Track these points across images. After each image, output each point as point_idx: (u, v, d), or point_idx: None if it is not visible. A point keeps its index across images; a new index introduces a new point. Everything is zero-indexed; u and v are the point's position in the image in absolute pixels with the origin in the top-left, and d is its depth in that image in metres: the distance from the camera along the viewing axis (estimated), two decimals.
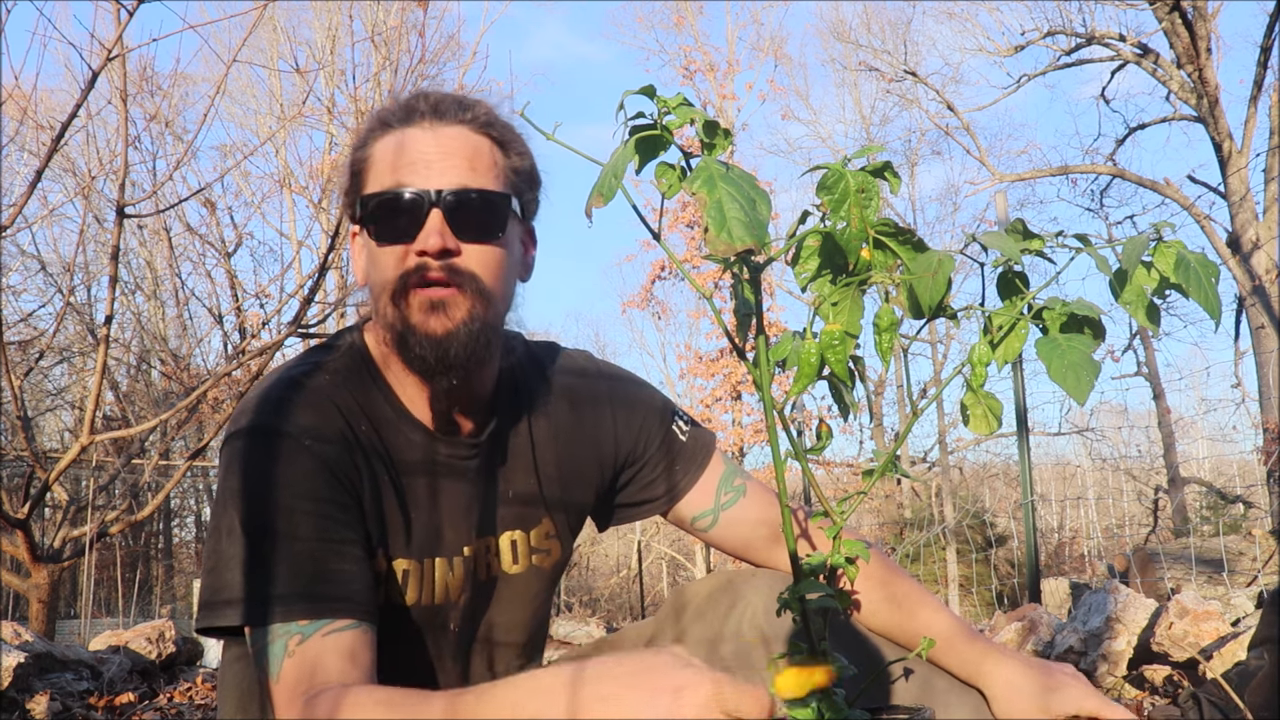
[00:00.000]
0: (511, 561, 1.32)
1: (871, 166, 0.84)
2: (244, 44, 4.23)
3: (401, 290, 1.15)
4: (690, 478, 1.39)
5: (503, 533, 1.31)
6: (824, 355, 0.88)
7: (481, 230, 1.17)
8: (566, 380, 1.38)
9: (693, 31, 19.30)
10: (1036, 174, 15.72)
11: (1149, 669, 2.65)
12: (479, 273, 1.17)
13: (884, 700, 1.26)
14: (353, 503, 1.16)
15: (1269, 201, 12.07)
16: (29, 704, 2.82)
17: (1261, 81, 12.18)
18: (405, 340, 1.16)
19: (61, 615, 8.26)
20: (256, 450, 1.14)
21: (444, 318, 1.14)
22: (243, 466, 1.14)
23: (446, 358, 1.15)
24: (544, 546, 1.36)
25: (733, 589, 1.33)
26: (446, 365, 1.16)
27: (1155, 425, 15.04)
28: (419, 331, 1.15)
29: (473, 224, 1.16)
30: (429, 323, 1.14)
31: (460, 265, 1.16)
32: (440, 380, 1.18)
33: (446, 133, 1.18)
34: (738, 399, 16.73)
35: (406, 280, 1.15)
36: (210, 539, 1.16)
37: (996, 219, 4.96)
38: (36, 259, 11.43)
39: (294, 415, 1.16)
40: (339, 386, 1.21)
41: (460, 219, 1.15)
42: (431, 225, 1.14)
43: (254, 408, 1.17)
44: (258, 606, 1.08)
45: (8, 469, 7.64)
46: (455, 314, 1.15)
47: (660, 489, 1.40)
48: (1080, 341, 0.83)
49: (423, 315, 1.15)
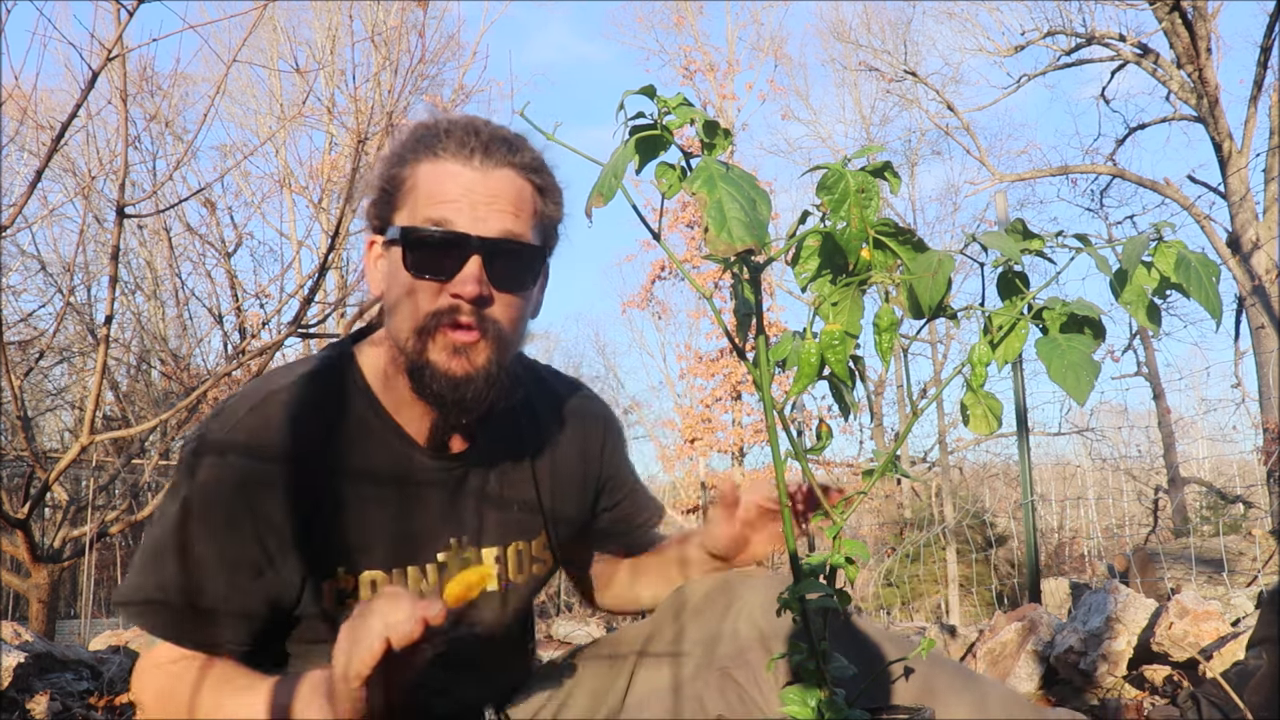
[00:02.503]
0: (517, 570, 1.35)
1: (871, 166, 0.84)
2: (244, 44, 4.23)
3: (428, 327, 1.18)
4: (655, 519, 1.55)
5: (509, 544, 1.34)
6: (824, 355, 0.88)
7: (515, 282, 1.21)
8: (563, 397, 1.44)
9: (693, 31, 19.30)
10: (1036, 174, 15.71)
11: (1149, 669, 2.65)
12: (503, 321, 1.21)
13: (884, 700, 1.26)
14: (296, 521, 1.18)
15: (1269, 201, 12.07)
16: (29, 704, 2.83)
17: (1261, 81, 12.18)
18: (422, 374, 1.19)
19: (61, 615, 8.27)
20: (192, 466, 1.17)
21: (466, 362, 1.18)
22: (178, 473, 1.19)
23: (463, 400, 1.19)
24: (542, 556, 1.39)
25: (730, 589, 1.33)
26: (461, 406, 1.20)
27: (1155, 425, 15.04)
28: (440, 371, 1.18)
29: (508, 275, 1.20)
30: (451, 364, 1.18)
31: (489, 313, 1.19)
32: (450, 417, 1.23)
33: (495, 175, 1.19)
34: (738, 399, 16.72)
35: (438, 319, 1.18)
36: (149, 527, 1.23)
37: (996, 219, 4.96)
38: (36, 259, 11.42)
39: (243, 432, 1.17)
40: (309, 399, 1.22)
41: (498, 268, 1.18)
42: (470, 271, 1.17)
43: (214, 418, 1.20)
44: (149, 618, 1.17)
45: (8, 469, 7.64)
46: (477, 360, 1.19)
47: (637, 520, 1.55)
48: (1080, 341, 0.82)
49: (446, 356, 1.18)
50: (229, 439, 1.17)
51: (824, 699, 0.92)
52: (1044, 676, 2.88)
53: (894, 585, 11.10)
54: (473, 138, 1.20)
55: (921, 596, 12.86)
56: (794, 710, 0.92)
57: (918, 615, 11.94)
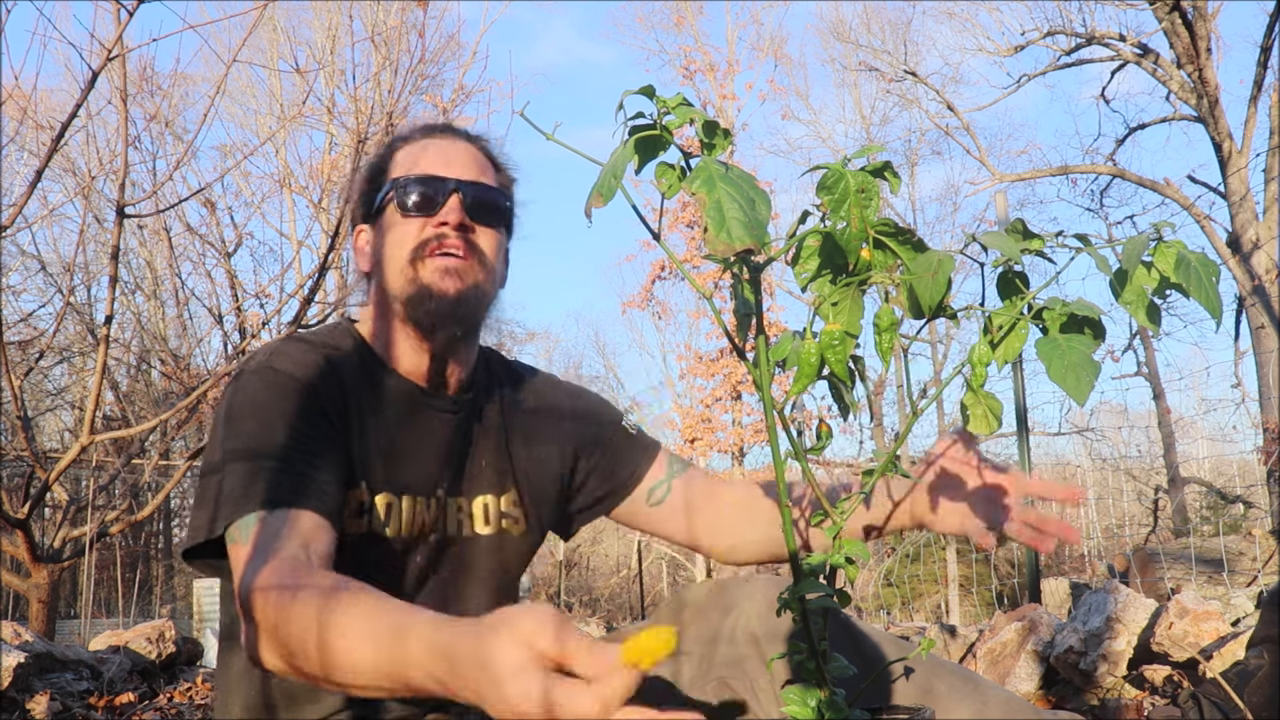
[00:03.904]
0: (484, 523, 1.41)
1: (871, 166, 0.84)
2: (244, 44, 4.23)
3: (420, 254, 1.32)
4: (644, 463, 1.54)
5: (475, 495, 1.41)
6: (824, 355, 0.88)
7: (492, 217, 1.37)
8: (531, 376, 1.55)
9: (693, 31, 19.31)
10: (1036, 174, 15.72)
11: (1149, 669, 2.65)
12: (487, 251, 1.36)
13: (884, 700, 1.26)
14: (331, 428, 1.26)
15: (1269, 201, 12.07)
16: (29, 704, 2.83)
17: (1261, 81, 12.19)
18: (418, 298, 1.31)
19: (61, 615, 8.27)
20: (244, 386, 1.25)
21: (457, 280, 1.31)
22: (230, 400, 1.25)
23: (455, 314, 1.31)
24: (513, 513, 1.44)
25: (730, 593, 1.33)
26: (455, 320, 1.32)
27: (1155, 425, 15.05)
28: (434, 290, 1.30)
29: (485, 211, 1.37)
30: (444, 282, 1.31)
31: (474, 240, 1.35)
32: (442, 334, 1.33)
33: (463, 145, 1.41)
34: (738, 399, 16.73)
35: (426, 245, 1.32)
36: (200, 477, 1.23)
37: (996, 219, 4.96)
38: (36, 259, 11.44)
39: (280, 357, 1.28)
40: (327, 343, 1.35)
41: (475, 205, 1.35)
42: (452, 204, 1.34)
43: (247, 359, 1.31)
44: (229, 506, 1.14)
45: (8, 469, 7.65)
46: (467, 279, 1.32)
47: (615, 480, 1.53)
48: (1080, 341, 0.82)
49: (438, 276, 1.31)
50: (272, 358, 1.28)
51: (824, 699, 0.92)
52: (1044, 676, 2.88)
53: (894, 585, 11.10)
54: (439, 125, 1.44)
55: (921, 596, 12.86)
56: (794, 710, 0.92)
57: (918, 615, 11.93)
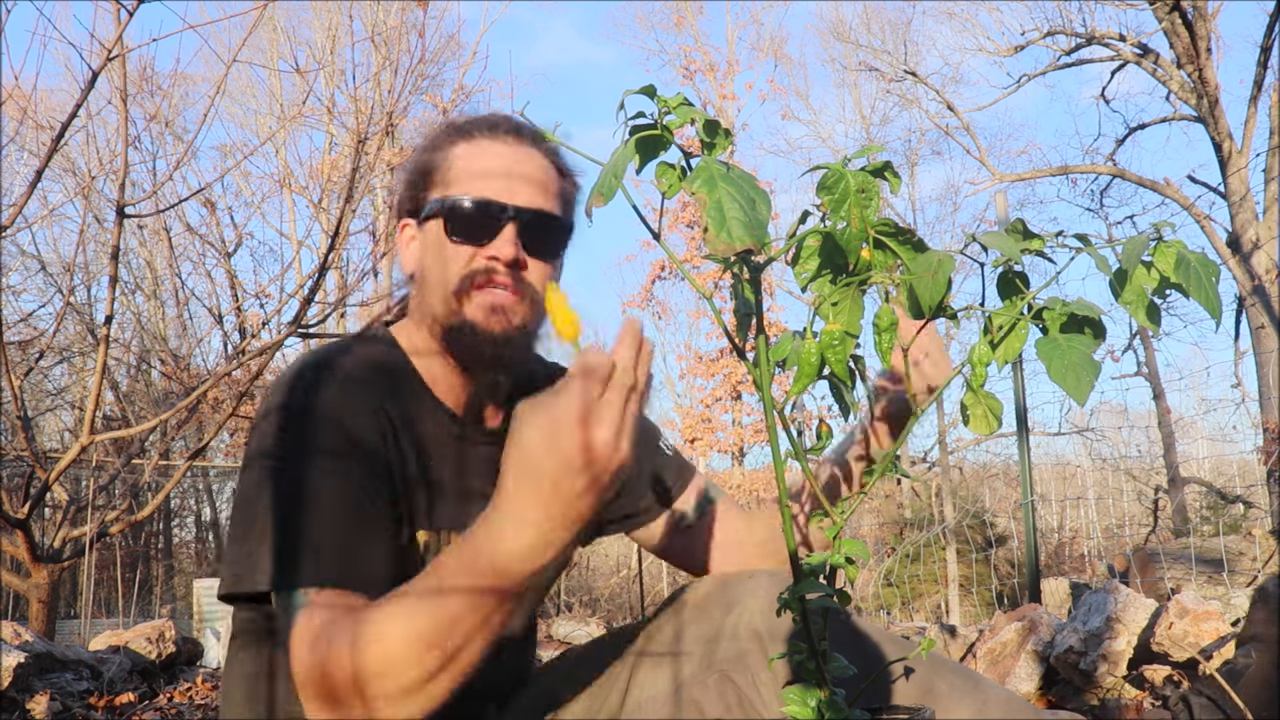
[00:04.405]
0: None
1: (871, 166, 0.84)
2: (244, 44, 4.23)
3: (467, 287, 1.24)
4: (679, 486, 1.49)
5: None
6: (824, 355, 0.88)
7: (547, 250, 1.28)
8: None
9: (693, 31, 19.32)
10: (1036, 174, 15.72)
11: (1149, 669, 2.65)
12: (538, 286, 1.27)
13: (884, 700, 1.26)
14: (380, 476, 1.19)
15: (1269, 201, 12.07)
16: (29, 704, 2.83)
17: (1261, 81, 12.19)
18: (460, 333, 1.24)
19: (61, 615, 8.27)
20: (288, 427, 1.17)
21: (504, 319, 1.24)
22: (275, 443, 1.16)
23: (500, 356, 1.25)
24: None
25: (733, 589, 1.33)
26: (498, 362, 1.25)
27: (1155, 425, 15.05)
28: (479, 328, 1.23)
29: (540, 243, 1.27)
30: (489, 321, 1.24)
31: (525, 276, 1.26)
32: (486, 375, 1.27)
33: (526, 152, 1.29)
34: (738, 399, 16.73)
35: (474, 278, 1.24)
36: (239, 511, 1.17)
37: (996, 219, 4.96)
38: (36, 259, 11.44)
39: (324, 392, 1.20)
40: (367, 367, 1.25)
41: (531, 236, 1.26)
42: (506, 235, 1.24)
43: (286, 387, 1.21)
44: (285, 572, 1.10)
45: (8, 469, 7.65)
46: (513, 318, 1.25)
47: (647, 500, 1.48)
48: (1080, 341, 0.82)
49: (484, 314, 1.24)
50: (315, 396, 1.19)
51: (824, 699, 0.92)
52: (1044, 676, 2.88)
53: (894, 585, 11.10)
54: (503, 122, 1.30)
55: (921, 596, 12.86)
56: (794, 710, 0.92)
57: (918, 615, 11.93)
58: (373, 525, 1.16)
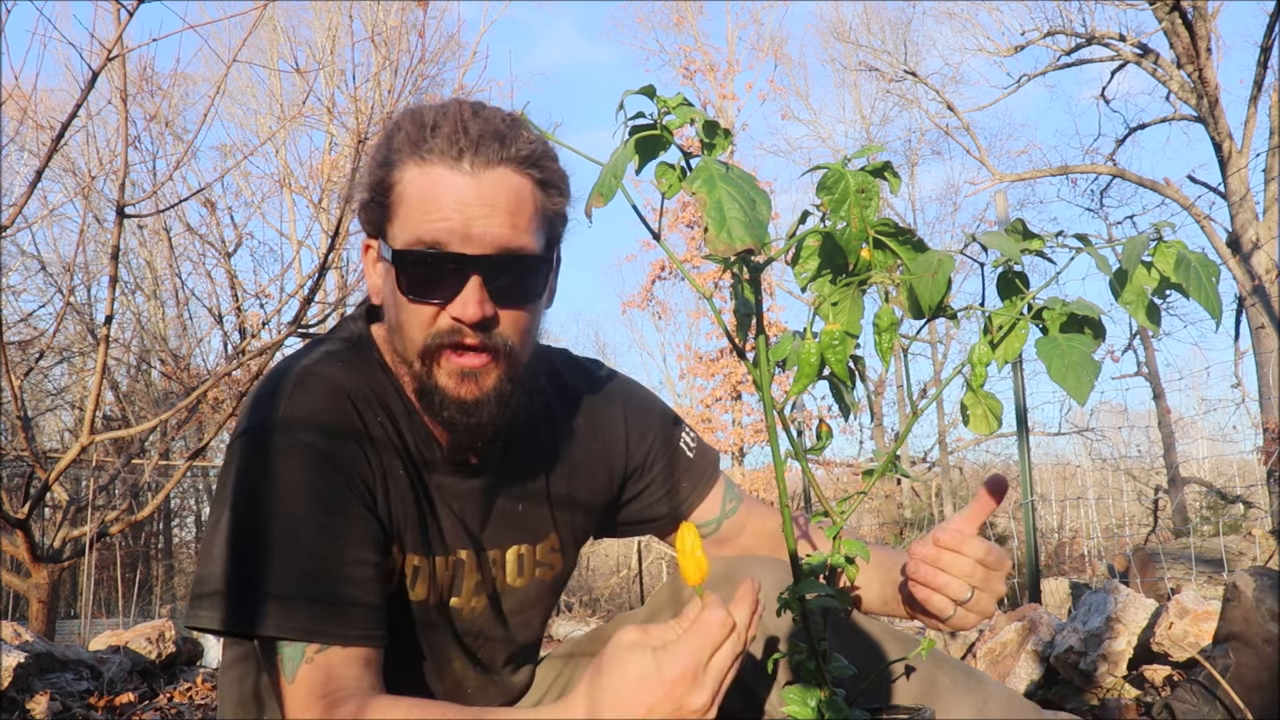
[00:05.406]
0: (516, 574, 1.32)
1: (871, 166, 0.84)
2: (244, 44, 4.23)
3: (433, 352, 1.12)
4: (699, 494, 1.43)
5: (510, 546, 1.31)
6: (824, 355, 0.88)
7: (520, 295, 1.13)
8: (579, 388, 1.38)
9: (693, 31, 19.30)
10: (1036, 174, 15.71)
11: (1149, 669, 2.65)
12: (512, 338, 1.14)
13: (884, 700, 1.26)
14: (362, 501, 1.12)
15: (1269, 201, 12.06)
16: (29, 704, 2.82)
17: (1261, 81, 12.18)
18: (431, 398, 1.14)
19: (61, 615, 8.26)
20: (262, 449, 1.10)
21: (474, 386, 1.13)
22: (247, 466, 1.10)
23: (475, 423, 1.15)
24: (548, 560, 1.36)
25: (732, 581, 1.32)
26: (475, 429, 1.16)
27: (1155, 425, 15.04)
28: (449, 396, 1.13)
29: (511, 290, 1.12)
30: (460, 389, 1.13)
31: (496, 332, 1.12)
32: (464, 439, 1.19)
33: (488, 178, 1.09)
34: (738, 399, 16.72)
35: (441, 341, 1.12)
36: (209, 537, 1.12)
37: (996, 219, 4.96)
38: (36, 259, 11.43)
39: (303, 410, 1.11)
40: (352, 376, 1.17)
41: (499, 285, 1.11)
42: (470, 293, 1.09)
43: (261, 402, 1.13)
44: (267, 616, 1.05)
45: (8, 469, 7.64)
46: (486, 382, 1.13)
47: (664, 508, 1.43)
48: (1080, 341, 0.82)
49: (454, 381, 1.13)
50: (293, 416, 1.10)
51: (824, 699, 0.92)
52: (1044, 676, 2.88)
53: None
54: (462, 135, 1.10)
55: None
56: (794, 710, 0.92)
57: None
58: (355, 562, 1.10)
